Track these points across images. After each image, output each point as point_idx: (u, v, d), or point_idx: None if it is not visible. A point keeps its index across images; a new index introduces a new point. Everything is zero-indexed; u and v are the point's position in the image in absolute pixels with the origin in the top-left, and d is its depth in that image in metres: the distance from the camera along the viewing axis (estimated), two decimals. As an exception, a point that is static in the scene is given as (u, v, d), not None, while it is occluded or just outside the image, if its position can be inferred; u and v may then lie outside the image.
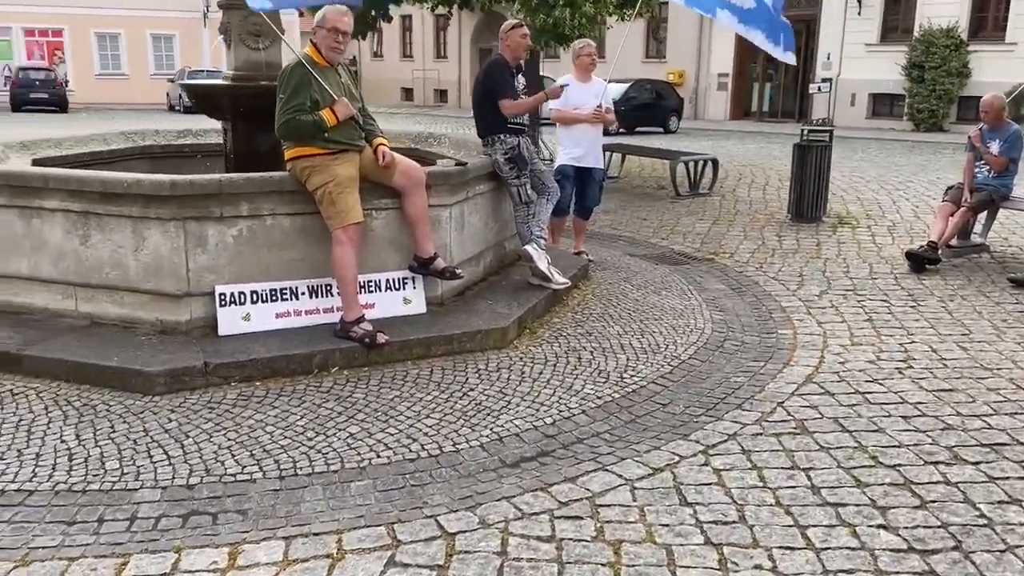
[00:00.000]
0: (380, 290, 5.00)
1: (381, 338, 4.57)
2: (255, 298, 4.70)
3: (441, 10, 13.81)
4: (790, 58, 7.14)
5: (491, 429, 3.89)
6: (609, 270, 7.05)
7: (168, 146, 7.30)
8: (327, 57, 4.63)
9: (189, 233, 4.51)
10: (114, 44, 37.91)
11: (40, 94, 29.12)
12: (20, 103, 28.73)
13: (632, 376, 4.60)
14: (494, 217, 5.91)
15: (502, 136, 5.71)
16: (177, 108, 29.27)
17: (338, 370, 4.52)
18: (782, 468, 3.53)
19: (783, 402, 4.26)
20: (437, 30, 38.93)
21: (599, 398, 4.29)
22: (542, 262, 5.68)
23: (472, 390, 4.34)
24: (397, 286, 5.05)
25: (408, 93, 41.47)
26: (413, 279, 5.07)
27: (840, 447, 3.74)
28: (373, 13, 13.05)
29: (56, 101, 29.30)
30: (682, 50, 30.81)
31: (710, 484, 3.39)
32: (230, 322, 4.63)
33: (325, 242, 4.64)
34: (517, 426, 3.93)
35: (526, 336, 5.17)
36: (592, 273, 6.81)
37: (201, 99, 6.00)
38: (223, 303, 4.62)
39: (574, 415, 4.07)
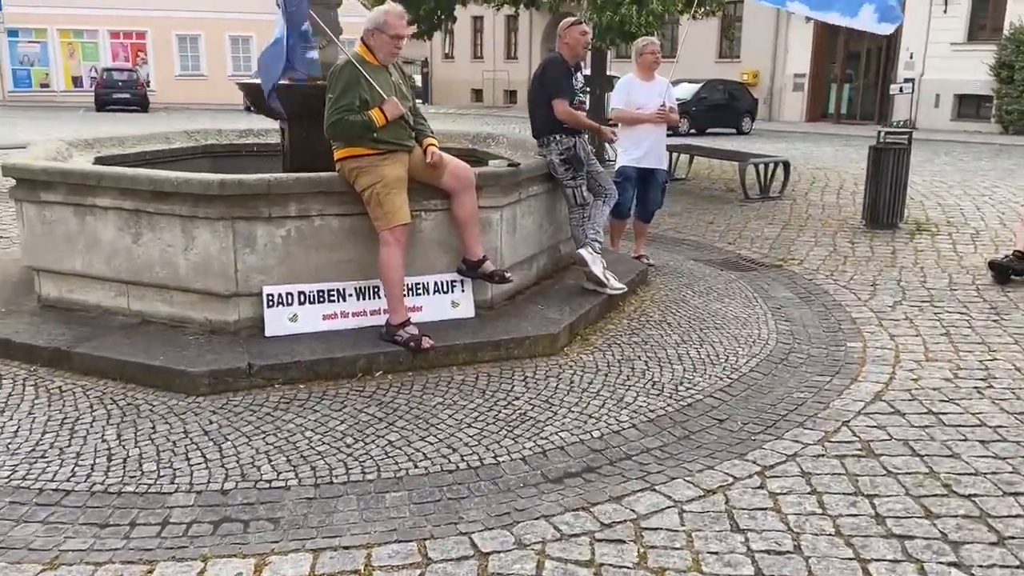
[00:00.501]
0: (428, 293, 4.89)
1: (426, 343, 4.46)
2: (302, 299, 4.64)
3: (509, 10, 13.71)
4: (884, 28, 6.70)
5: (535, 441, 3.73)
6: (670, 275, 6.82)
7: (229, 145, 7.35)
8: (382, 59, 4.54)
9: (238, 233, 4.47)
10: (194, 46, 38.99)
11: (122, 94, 30.09)
12: (104, 103, 29.74)
13: (688, 389, 4.38)
14: (548, 219, 5.75)
15: (558, 136, 5.54)
16: (252, 109, 29.85)
17: (382, 374, 4.42)
18: (844, 494, 3.28)
19: (849, 421, 3.99)
20: (508, 31, 38.94)
21: (651, 411, 4.09)
22: (597, 266, 5.49)
23: (517, 399, 4.19)
24: (445, 289, 4.93)
25: (478, 94, 41.58)
26: (462, 282, 4.95)
27: (909, 473, 3.46)
28: (439, 14, 12.99)
29: (138, 101, 30.23)
30: (757, 50, 30.11)
31: (765, 509, 3.17)
32: (277, 323, 4.58)
33: (374, 243, 4.55)
34: (562, 439, 3.76)
35: (577, 343, 5.00)
36: (652, 278, 6.59)
37: (258, 98, 5.99)
38: (271, 304, 4.57)
39: (623, 429, 3.88)
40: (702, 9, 11.94)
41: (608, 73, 14.98)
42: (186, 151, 7.03)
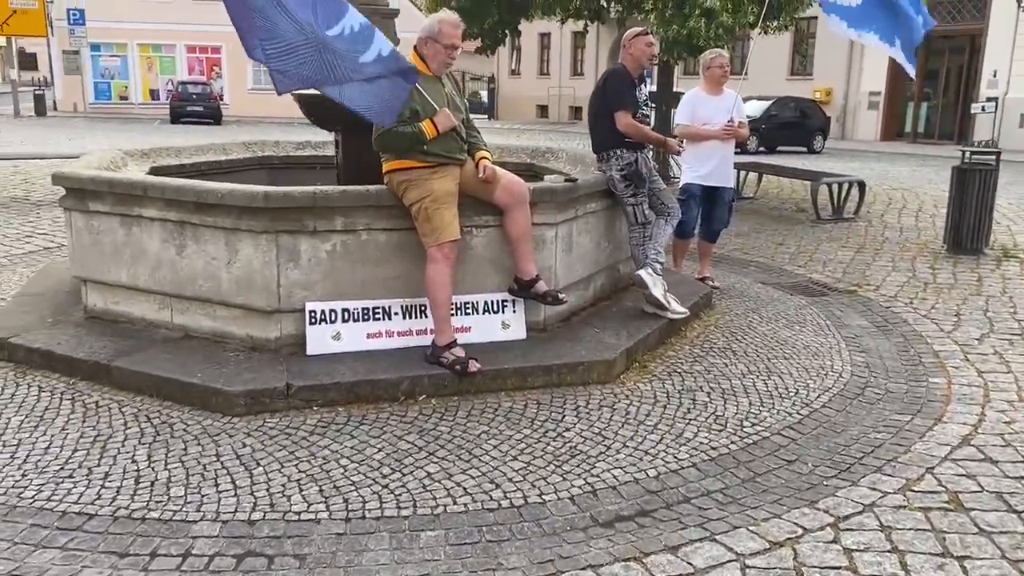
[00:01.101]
0: (477, 312, 4.66)
1: (473, 366, 4.22)
2: (346, 317, 4.45)
3: (575, 25, 13.47)
4: (909, 68, 6.48)
5: (584, 479, 3.44)
6: (736, 299, 6.46)
7: (287, 157, 7.26)
8: (435, 69, 4.35)
9: (281, 247, 4.31)
10: (266, 61, 39.69)
11: (196, 107, 30.76)
12: (179, 115, 30.44)
13: (754, 425, 4.05)
14: (607, 237, 5.47)
15: (618, 151, 5.27)
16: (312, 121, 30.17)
17: (425, 398, 4.19)
18: (930, 554, 2.92)
19: (933, 468, 3.61)
20: (574, 47, 38.81)
21: (713, 449, 3.77)
22: (657, 289, 5.19)
23: (568, 430, 3.91)
24: (496, 309, 4.69)
25: (543, 110, 41.51)
26: (513, 302, 4.70)
27: (1004, 532, 3.08)
28: (503, 29, 12.85)
29: (211, 113, 30.88)
30: (830, 67, 29.31)
31: (839, 568, 2.83)
32: (320, 341, 4.40)
33: (422, 260, 4.34)
34: (615, 477, 3.47)
35: (635, 371, 4.70)
36: (716, 302, 6.24)
37: (311, 109, 5.87)
38: (313, 321, 4.39)
39: (682, 468, 3.58)
40: (775, 23, 11.55)
41: (675, 90, 14.64)
42: (242, 162, 6.96)
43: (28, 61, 50.79)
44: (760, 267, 7.80)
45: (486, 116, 42.20)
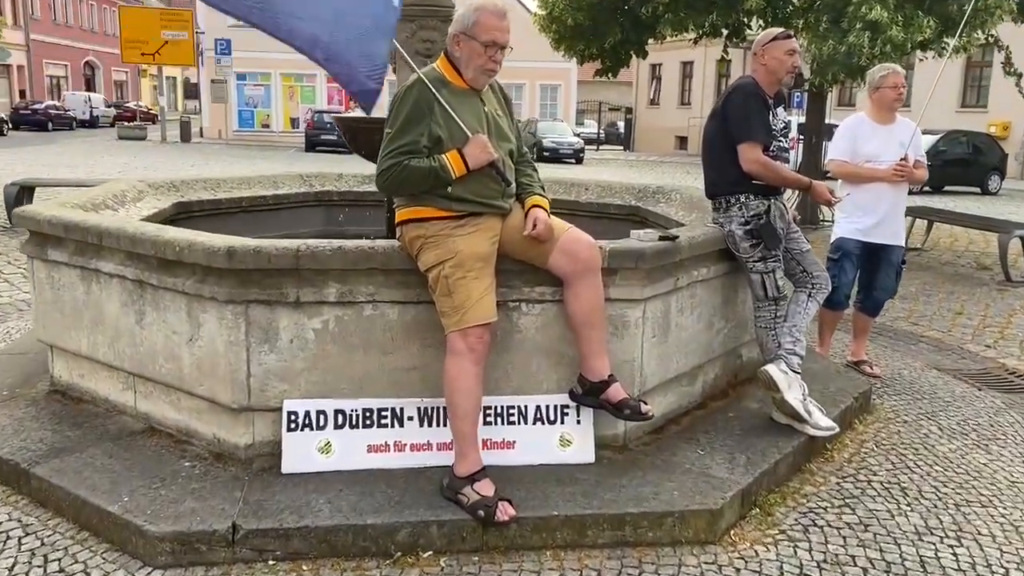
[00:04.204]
0: (526, 421, 3.30)
1: (503, 513, 2.86)
2: (340, 421, 3.20)
3: (715, 51, 11.89)
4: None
5: None
6: (904, 394, 4.81)
7: (347, 192, 6.17)
8: (470, 79, 3.05)
9: (252, 323, 3.12)
10: (403, 91, 39.89)
11: (330, 135, 30.83)
12: (313, 144, 30.65)
13: (941, 647, 2.49)
14: (723, 314, 3.99)
15: (742, 197, 3.80)
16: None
17: (432, 555, 2.86)
18: None
19: None
20: (718, 75, 36.87)
21: None
22: (793, 393, 3.67)
23: (634, 642, 2.49)
24: (552, 418, 3.32)
25: (682, 141, 39.66)
26: (577, 409, 3.32)
27: None
28: (627, 50, 11.47)
29: (344, 143, 30.98)
30: (1008, 98, 26.12)
31: None
32: (300, 456, 3.16)
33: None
34: None
35: (753, 522, 3.20)
36: (877, 399, 4.63)
37: (353, 136, 4.72)
38: (293, 426, 3.17)
39: None
40: (953, 41, 9.64)
41: (827, 121, 12.79)
42: (293, 197, 5.91)
43: (193, 90, 53.49)
44: (933, 345, 6.06)
45: (622, 147, 40.79)
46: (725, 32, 11.09)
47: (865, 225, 4.87)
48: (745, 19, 10.54)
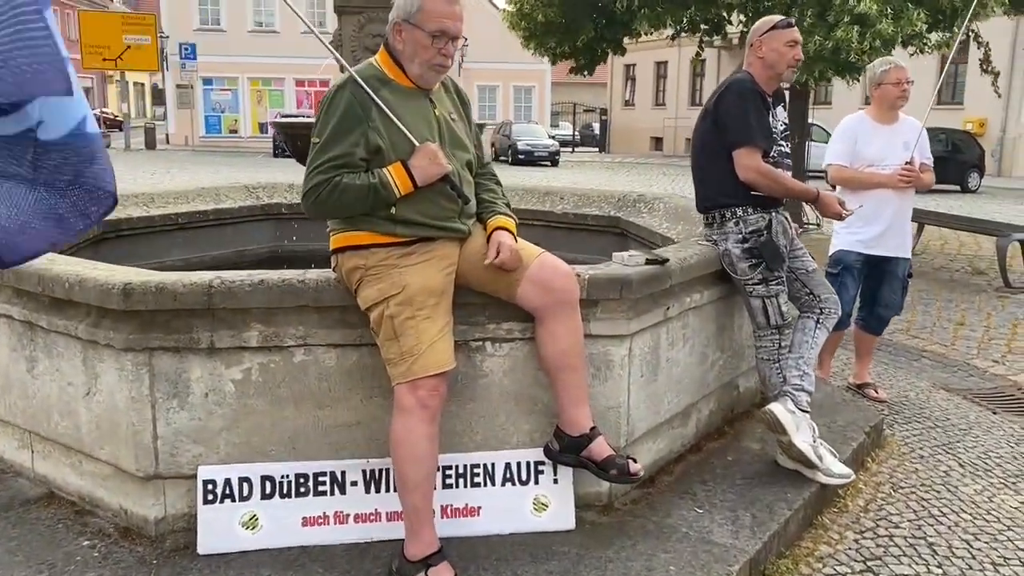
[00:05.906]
0: (493, 483, 2.78)
1: (464, 606, 2.34)
2: (268, 490, 2.67)
3: (689, 49, 11.45)
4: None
5: None
6: (915, 422, 4.35)
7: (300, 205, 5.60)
8: (415, 75, 2.52)
9: (158, 374, 2.58)
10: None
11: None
12: (282, 149, 29.97)
13: None
14: (717, 344, 3.49)
15: (739, 211, 3.30)
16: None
17: (378, 662, 2.34)
18: None
19: None
20: (692, 75, 36.57)
21: None
22: (803, 435, 3.17)
23: None
24: (524, 477, 2.80)
25: (658, 142, 39.34)
26: (554, 467, 2.80)
27: None
28: (602, 46, 10.98)
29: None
30: (984, 95, 26.00)
31: None
32: (221, 532, 2.63)
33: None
34: None
35: (763, 599, 2.71)
36: (887, 428, 4.15)
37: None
38: (211, 497, 2.63)
39: None
40: (935, 36, 9.25)
41: (809, 121, 12.36)
42: (237, 212, 5.34)
43: (161, 96, 52.58)
44: (937, 360, 5.61)
45: (597, 149, 40.37)
46: (704, 28, 10.62)
47: (867, 236, 4.40)
48: (725, 13, 10.07)
